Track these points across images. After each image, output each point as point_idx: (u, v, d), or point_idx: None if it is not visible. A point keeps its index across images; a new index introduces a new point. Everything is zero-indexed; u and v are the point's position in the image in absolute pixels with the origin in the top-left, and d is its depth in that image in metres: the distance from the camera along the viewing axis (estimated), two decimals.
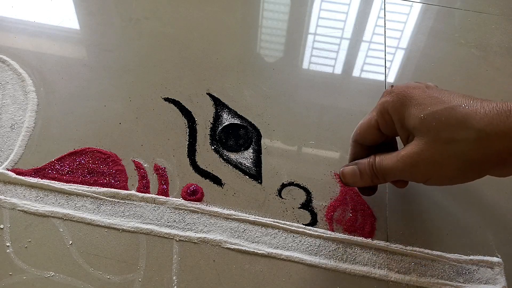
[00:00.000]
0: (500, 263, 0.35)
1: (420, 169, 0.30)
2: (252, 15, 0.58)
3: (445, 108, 0.29)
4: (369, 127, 0.34)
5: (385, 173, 0.32)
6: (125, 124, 0.43)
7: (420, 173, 0.31)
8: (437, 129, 0.29)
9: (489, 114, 0.28)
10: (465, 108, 0.28)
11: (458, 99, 0.29)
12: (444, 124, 0.29)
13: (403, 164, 0.31)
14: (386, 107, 0.32)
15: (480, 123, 0.28)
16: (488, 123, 0.27)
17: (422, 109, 0.30)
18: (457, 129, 0.28)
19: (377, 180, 0.33)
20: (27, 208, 0.36)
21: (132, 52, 0.50)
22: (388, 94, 0.32)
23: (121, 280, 0.33)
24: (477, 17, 0.59)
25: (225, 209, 0.37)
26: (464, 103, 0.29)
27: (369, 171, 0.33)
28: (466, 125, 0.28)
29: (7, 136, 0.41)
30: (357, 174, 0.34)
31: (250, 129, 0.43)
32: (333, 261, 0.35)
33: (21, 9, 0.54)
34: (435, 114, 0.29)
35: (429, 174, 0.30)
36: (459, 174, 0.30)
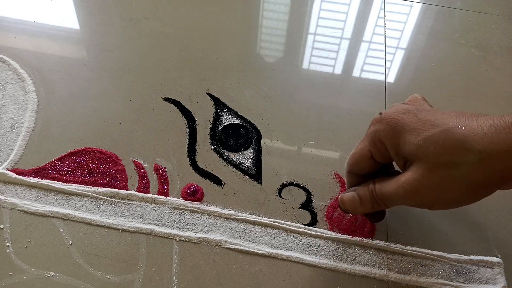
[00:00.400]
0: (500, 263, 0.35)
1: (423, 195, 0.29)
2: (252, 15, 0.58)
3: (441, 131, 0.28)
4: (362, 158, 0.33)
5: (386, 199, 0.31)
6: (125, 124, 0.43)
7: (424, 199, 0.29)
8: (435, 154, 0.28)
9: (488, 133, 0.27)
10: (462, 129, 0.27)
11: (452, 120, 0.28)
12: (442, 148, 0.28)
13: (404, 191, 0.29)
14: (378, 136, 0.31)
15: (480, 144, 0.27)
16: (489, 143, 0.26)
17: (416, 135, 0.29)
18: (456, 152, 0.27)
19: (377, 206, 0.32)
20: (27, 208, 0.36)
21: (132, 52, 0.50)
22: (378, 122, 0.31)
23: (121, 280, 0.33)
24: (477, 17, 0.59)
25: (225, 209, 0.37)
26: (459, 124, 0.28)
27: (369, 197, 0.32)
28: (466, 147, 0.27)
29: (7, 136, 0.41)
30: (357, 201, 0.33)
31: (250, 129, 0.43)
32: (333, 261, 0.35)
33: (21, 9, 0.54)
34: (432, 138, 0.28)
35: (434, 199, 0.29)
36: (465, 197, 0.29)
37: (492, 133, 0.26)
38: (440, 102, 0.47)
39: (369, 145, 0.32)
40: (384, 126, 0.30)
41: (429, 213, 0.38)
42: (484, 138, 0.27)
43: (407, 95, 0.48)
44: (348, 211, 0.34)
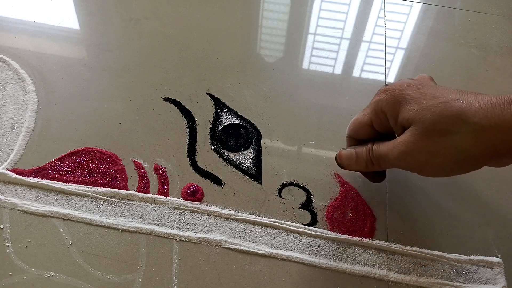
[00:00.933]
0: (500, 263, 0.35)
1: (415, 157, 0.30)
2: (252, 15, 0.58)
3: (440, 102, 0.30)
4: (362, 124, 0.35)
5: (380, 158, 0.33)
6: (125, 124, 0.43)
7: (415, 162, 0.31)
8: (432, 121, 0.29)
9: (483, 108, 0.28)
10: (460, 102, 0.29)
11: (452, 94, 0.30)
12: (439, 116, 0.29)
13: (398, 151, 0.31)
14: (380, 105, 0.33)
15: (475, 117, 0.28)
16: (483, 117, 0.28)
17: (416, 104, 0.30)
18: (452, 121, 0.29)
19: (371, 166, 0.34)
20: (27, 208, 0.36)
21: (132, 52, 0.50)
22: (382, 92, 0.33)
23: (121, 280, 0.33)
24: (477, 17, 0.59)
25: (225, 209, 0.37)
26: (458, 98, 0.29)
27: (365, 155, 0.34)
28: (462, 118, 0.28)
29: (7, 136, 0.41)
30: (353, 157, 0.35)
31: (250, 129, 0.43)
32: (333, 261, 0.35)
33: (21, 9, 0.54)
34: (430, 108, 0.30)
35: (424, 163, 0.31)
36: (454, 166, 0.30)
37: (487, 108, 0.28)
38: None
39: (370, 113, 0.34)
40: (387, 96, 0.32)
41: (429, 213, 0.38)
42: (480, 112, 0.28)
43: None
44: (343, 166, 0.36)
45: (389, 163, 0.33)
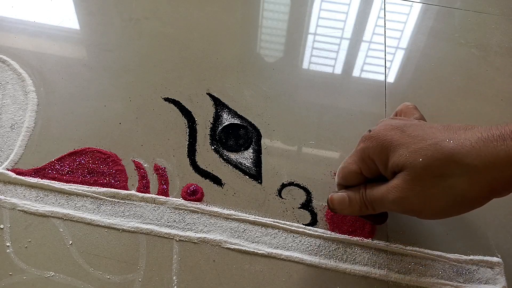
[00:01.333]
0: (500, 263, 0.35)
1: (411, 201, 0.29)
2: (252, 15, 0.58)
3: (430, 144, 0.29)
4: (351, 173, 0.33)
5: (374, 202, 0.32)
6: (125, 124, 0.43)
7: (412, 206, 0.30)
8: (424, 165, 0.28)
9: (475, 147, 0.27)
10: (450, 142, 0.28)
11: (441, 134, 0.29)
12: (430, 159, 0.28)
13: (393, 196, 0.30)
14: (367, 153, 0.32)
15: (467, 158, 0.27)
16: (476, 156, 0.27)
17: (405, 148, 0.29)
18: (445, 164, 0.28)
19: (365, 209, 0.33)
20: (27, 208, 0.36)
21: (132, 52, 0.50)
22: (367, 139, 0.32)
23: (121, 280, 0.33)
24: (477, 17, 0.59)
25: (225, 209, 0.37)
26: (448, 137, 0.28)
27: (359, 200, 0.33)
28: (454, 160, 0.27)
29: (7, 136, 0.41)
30: (346, 202, 0.33)
31: (250, 129, 0.43)
32: (333, 261, 0.35)
33: (21, 9, 0.54)
34: (420, 151, 0.29)
35: (421, 207, 0.30)
36: (453, 208, 0.29)
37: (480, 147, 0.27)
38: (440, 102, 0.47)
39: (358, 161, 0.33)
40: (373, 143, 0.31)
41: None
42: (472, 152, 0.27)
43: (407, 95, 0.48)
44: (335, 211, 0.34)
45: (384, 207, 0.32)
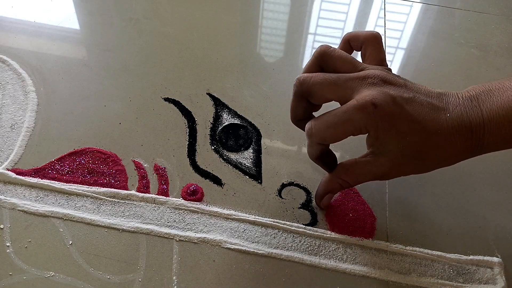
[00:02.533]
0: (500, 263, 0.35)
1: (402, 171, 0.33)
2: (252, 15, 0.58)
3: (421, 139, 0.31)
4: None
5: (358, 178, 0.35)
6: (125, 124, 0.43)
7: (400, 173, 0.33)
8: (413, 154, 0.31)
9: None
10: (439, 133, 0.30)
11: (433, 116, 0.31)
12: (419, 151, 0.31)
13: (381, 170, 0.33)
14: (364, 125, 0.31)
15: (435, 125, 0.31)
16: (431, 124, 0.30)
17: (402, 138, 0.31)
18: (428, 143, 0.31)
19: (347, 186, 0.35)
20: (27, 208, 0.36)
21: (132, 52, 0.50)
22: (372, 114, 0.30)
23: (121, 280, 0.33)
24: (477, 17, 0.59)
25: (225, 209, 0.37)
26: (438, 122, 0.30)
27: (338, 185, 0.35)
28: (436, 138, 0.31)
29: (7, 136, 0.41)
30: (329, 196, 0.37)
31: (250, 129, 0.43)
32: (333, 261, 0.35)
33: (21, 9, 0.54)
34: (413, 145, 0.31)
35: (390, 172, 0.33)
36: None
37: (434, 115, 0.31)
38: None
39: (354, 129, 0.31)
40: (374, 122, 0.30)
41: (429, 213, 0.38)
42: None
43: None
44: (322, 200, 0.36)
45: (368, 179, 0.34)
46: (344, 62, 0.33)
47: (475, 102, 0.31)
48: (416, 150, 0.31)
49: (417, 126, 0.30)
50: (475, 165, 0.41)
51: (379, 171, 0.32)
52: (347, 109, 0.30)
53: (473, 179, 0.40)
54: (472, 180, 0.40)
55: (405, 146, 0.31)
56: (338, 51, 0.33)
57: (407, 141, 0.30)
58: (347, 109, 0.30)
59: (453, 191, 0.39)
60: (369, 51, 0.35)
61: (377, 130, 0.31)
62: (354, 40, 0.36)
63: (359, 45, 0.35)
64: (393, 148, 0.31)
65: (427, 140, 0.30)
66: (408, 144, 0.31)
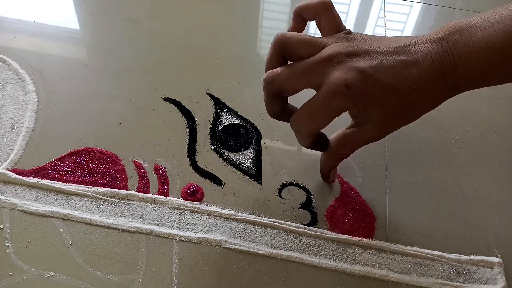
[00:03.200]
0: (500, 263, 0.35)
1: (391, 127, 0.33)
2: (252, 15, 0.58)
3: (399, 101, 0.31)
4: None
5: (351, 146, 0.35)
6: (125, 124, 0.43)
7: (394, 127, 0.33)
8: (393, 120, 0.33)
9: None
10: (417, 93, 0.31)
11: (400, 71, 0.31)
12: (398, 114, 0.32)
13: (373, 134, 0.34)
14: (342, 106, 0.31)
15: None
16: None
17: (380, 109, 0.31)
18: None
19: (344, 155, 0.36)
20: (27, 208, 0.36)
21: (132, 52, 0.50)
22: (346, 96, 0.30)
23: (121, 280, 0.33)
24: None
25: (225, 209, 0.37)
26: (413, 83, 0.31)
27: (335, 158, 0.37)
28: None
29: (7, 136, 0.41)
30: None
31: (250, 129, 0.43)
32: (333, 261, 0.35)
33: (21, 9, 0.54)
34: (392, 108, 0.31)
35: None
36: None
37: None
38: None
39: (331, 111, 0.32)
40: (352, 102, 0.31)
41: (429, 213, 0.38)
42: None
43: None
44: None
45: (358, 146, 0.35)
46: (304, 45, 0.32)
47: (445, 45, 0.30)
48: (397, 111, 0.31)
49: (392, 91, 0.30)
50: (475, 165, 0.41)
51: (369, 137, 0.33)
52: (322, 97, 0.31)
53: (473, 179, 0.40)
54: (472, 180, 0.40)
55: (386, 112, 0.31)
56: (294, 35, 0.33)
57: (386, 107, 0.31)
58: (322, 97, 0.31)
59: (453, 191, 0.39)
60: (324, 21, 0.34)
61: (357, 107, 0.31)
62: (305, 12, 0.35)
63: (312, 16, 0.35)
64: (376, 116, 0.32)
65: (406, 100, 0.31)
66: (389, 109, 0.31)
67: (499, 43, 0.29)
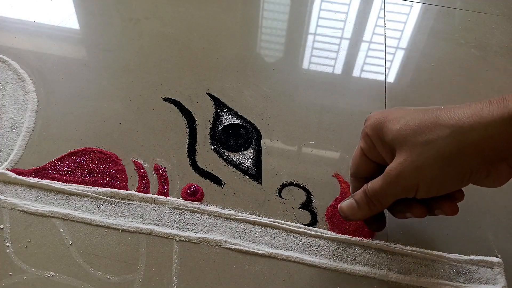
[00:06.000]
0: (500, 263, 0.35)
1: (406, 177, 0.30)
2: (252, 15, 0.58)
3: (418, 114, 0.30)
4: (357, 157, 0.34)
5: (377, 194, 0.31)
6: (125, 124, 0.43)
7: (407, 182, 0.30)
8: (413, 134, 0.29)
9: (460, 110, 0.28)
10: (436, 110, 0.29)
11: (434, 108, 0.30)
12: (418, 128, 0.29)
13: (389, 178, 0.30)
14: (365, 131, 0.33)
15: (453, 119, 0.28)
16: (461, 117, 0.28)
17: (397, 122, 0.30)
18: (431, 130, 0.29)
19: (374, 207, 0.32)
20: (27, 208, 0.36)
21: (132, 52, 0.50)
22: (367, 120, 0.33)
23: (121, 280, 0.33)
24: (477, 17, 0.59)
25: (225, 209, 0.37)
26: (436, 108, 0.29)
27: (364, 198, 0.32)
28: (440, 123, 0.28)
29: (7, 136, 0.41)
30: (355, 206, 0.33)
31: (250, 129, 0.43)
32: (333, 261, 0.35)
33: (21, 9, 0.54)
34: (410, 122, 0.30)
35: (416, 180, 0.30)
36: (442, 174, 0.29)
37: (465, 110, 0.28)
38: (440, 102, 0.47)
39: (360, 142, 0.34)
40: (371, 122, 0.32)
41: None
42: (457, 114, 0.28)
43: (407, 95, 0.48)
44: (349, 218, 0.34)
45: (385, 195, 0.31)
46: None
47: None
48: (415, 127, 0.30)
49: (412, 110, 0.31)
50: None
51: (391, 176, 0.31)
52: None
53: None
54: None
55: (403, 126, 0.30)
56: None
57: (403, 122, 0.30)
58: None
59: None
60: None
61: (377, 129, 0.32)
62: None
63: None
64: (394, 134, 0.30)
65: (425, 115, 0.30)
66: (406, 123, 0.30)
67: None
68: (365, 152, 0.33)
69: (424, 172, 0.29)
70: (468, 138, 0.27)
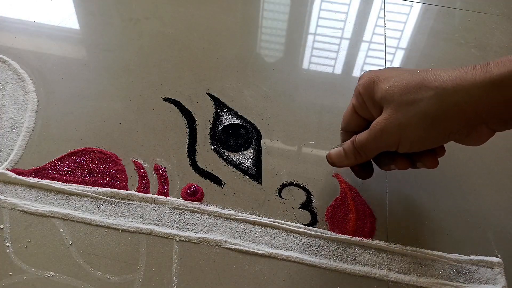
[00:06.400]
0: (500, 263, 0.35)
1: (389, 133, 0.31)
2: (252, 15, 0.58)
3: (407, 75, 0.31)
4: (349, 113, 0.36)
5: (363, 145, 0.34)
6: (125, 124, 0.43)
7: (390, 138, 0.32)
8: (399, 94, 0.31)
9: (445, 73, 0.29)
10: (424, 72, 0.30)
11: (423, 70, 0.31)
12: (404, 88, 0.30)
13: (374, 132, 0.32)
14: (358, 90, 0.34)
15: (437, 81, 0.29)
16: (445, 80, 0.29)
17: (387, 82, 0.32)
18: (416, 90, 0.30)
19: (359, 157, 0.35)
20: (27, 208, 0.36)
21: (132, 52, 0.50)
22: (361, 78, 0.34)
23: (121, 280, 0.33)
24: (477, 17, 0.59)
25: (225, 209, 0.37)
26: (424, 70, 0.31)
27: (351, 148, 0.35)
28: (425, 84, 0.30)
29: (7, 136, 0.41)
30: (342, 153, 0.36)
31: (250, 129, 0.43)
32: (333, 261, 0.35)
33: (21, 9, 0.54)
34: (398, 82, 0.31)
35: (398, 136, 0.31)
36: (424, 134, 0.30)
37: (450, 73, 0.29)
38: None
39: (353, 99, 0.35)
40: (363, 80, 0.34)
41: (429, 213, 0.38)
42: (442, 76, 0.29)
43: None
44: (335, 164, 0.37)
45: (370, 147, 0.33)
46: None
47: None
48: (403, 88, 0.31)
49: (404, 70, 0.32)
50: (475, 165, 0.41)
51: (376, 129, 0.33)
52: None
53: (473, 179, 0.40)
54: (472, 180, 0.40)
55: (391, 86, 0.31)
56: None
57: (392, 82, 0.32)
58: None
59: (453, 191, 0.39)
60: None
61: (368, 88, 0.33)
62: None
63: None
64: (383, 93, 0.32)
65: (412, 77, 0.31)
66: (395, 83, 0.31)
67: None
68: (356, 109, 0.35)
69: (406, 130, 0.31)
70: (451, 100, 0.29)
